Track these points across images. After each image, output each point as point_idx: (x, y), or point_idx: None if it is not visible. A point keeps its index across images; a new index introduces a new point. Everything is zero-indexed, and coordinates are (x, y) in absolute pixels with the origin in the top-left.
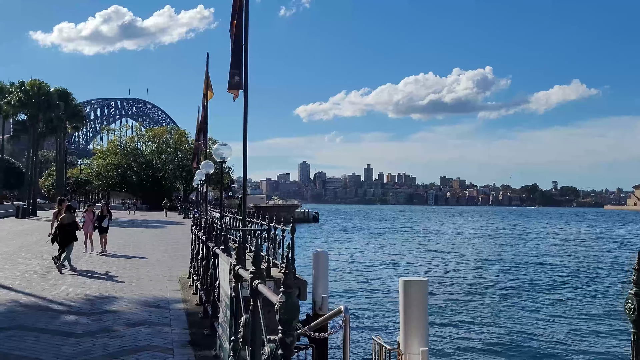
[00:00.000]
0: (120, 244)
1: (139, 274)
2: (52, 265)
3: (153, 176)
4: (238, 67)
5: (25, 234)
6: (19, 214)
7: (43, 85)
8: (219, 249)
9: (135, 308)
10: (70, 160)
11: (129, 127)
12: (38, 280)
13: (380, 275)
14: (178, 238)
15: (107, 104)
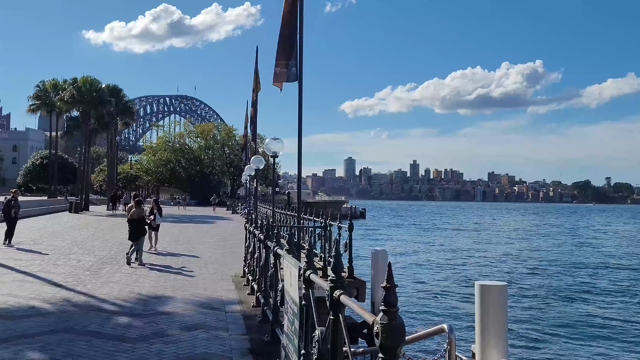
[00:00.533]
0: (170, 241)
1: (191, 272)
2: (104, 262)
3: (201, 172)
4: (291, 58)
5: (78, 228)
6: (72, 208)
7: (95, 81)
8: (283, 250)
9: (190, 309)
10: (121, 156)
11: (177, 123)
12: (90, 277)
13: (439, 275)
14: (228, 234)
15: (156, 101)
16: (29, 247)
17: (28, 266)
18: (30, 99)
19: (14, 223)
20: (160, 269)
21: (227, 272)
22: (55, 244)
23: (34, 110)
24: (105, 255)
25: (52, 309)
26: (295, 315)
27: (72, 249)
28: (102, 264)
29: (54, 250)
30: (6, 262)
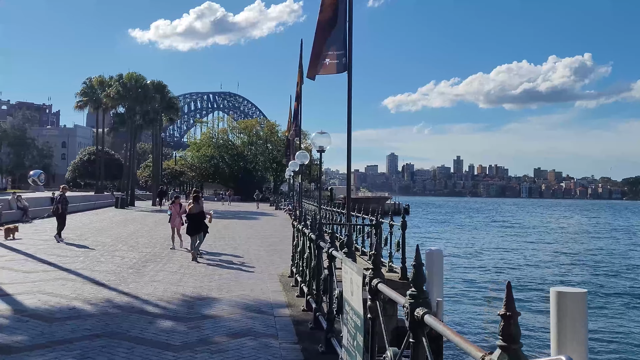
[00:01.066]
0: (214, 237)
1: (236, 271)
2: (148, 259)
3: (244, 167)
4: (338, 49)
5: (123, 224)
6: (118, 204)
7: (140, 77)
8: (340, 253)
9: (236, 313)
10: (166, 153)
11: (221, 119)
12: (133, 275)
13: (494, 276)
14: (272, 231)
15: (200, 98)
16: (75, 243)
17: (72, 263)
18: (78, 96)
19: (63, 218)
20: (205, 267)
21: (273, 271)
22: (100, 240)
23: (81, 107)
24: (149, 252)
25: (93, 310)
26: (357, 329)
27: (117, 245)
28: (145, 261)
29: (98, 247)
30: (51, 259)
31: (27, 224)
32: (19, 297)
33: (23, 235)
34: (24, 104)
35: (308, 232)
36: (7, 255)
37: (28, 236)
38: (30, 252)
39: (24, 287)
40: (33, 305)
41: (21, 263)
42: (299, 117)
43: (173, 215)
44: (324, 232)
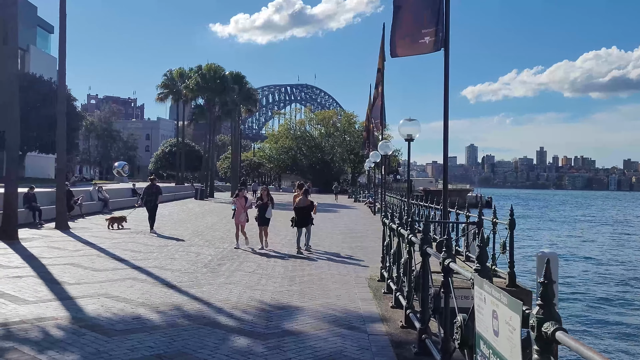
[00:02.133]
0: (290, 233)
1: (319, 273)
2: (224, 255)
3: (322, 159)
4: (434, 25)
5: (202, 216)
6: (197, 195)
7: (218, 68)
8: (470, 271)
9: (322, 328)
10: (245, 144)
11: (298, 110)
12: (207, 276)
13: (611, 279)
14: (353, 224)
15: (277, 90)
16: (150, 236)
17: (144, 260)
18: (159, 88)
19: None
20: (284, 267)
21: (360, 273)
22: (176, 233)
23: (162, 99)
24: (227, 249)
25: (160, 320)
26: None
27: (193, 239)
28: (222, 258)
29: (174, 241)
30: (124, 254)
31: (107, 215)
32: (81, 301)
33: (100, 227)
34: (111, 98)
35: (408, 234)
36: (82, 250)
37: (106, 228)
38: (104, 247)
39: (88, 289)
40: (94, 312)
41: (92, 259)
42: (381, 104)
43: (238, 210)
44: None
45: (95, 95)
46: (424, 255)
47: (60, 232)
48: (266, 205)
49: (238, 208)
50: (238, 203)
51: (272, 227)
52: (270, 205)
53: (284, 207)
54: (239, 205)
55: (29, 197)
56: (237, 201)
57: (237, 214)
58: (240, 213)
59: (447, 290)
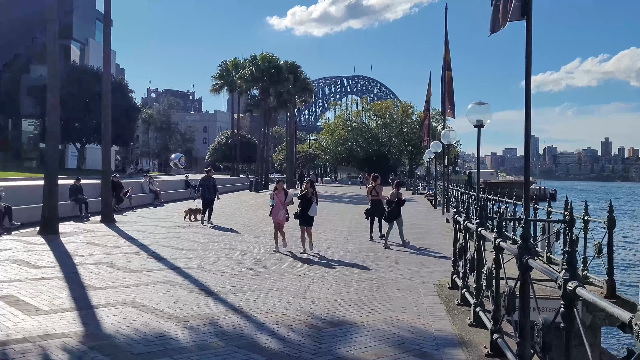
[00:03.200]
0: (349, 227)
1: (379, 277)
2: (273, 255)
3: (378, 151)
4: None
5: (254, 209)
6: (252, 187)
7: (273, 58)
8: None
9: (387, 354)
10: (301, 136)
11: (354, 101)
12: (252, 279)
13: None
14: (414, 219)
15: (333, 82)
16: (198, 231)
17: (185, 259)
18: (214, 79)
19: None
20: (339, 270)
21: (427, 277)
22: (225, 227)
23: (216, 90)
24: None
25: (187, 340)
26: None
27: (242, 235)
28: (269, 258)
29: (222, 237)
30: (165, 252)
31: (158, 207)
32: (102, 311)
33: (147, 220)
34: (170, 91)
35: (495, 238)
36: (121, 247)
37: (153, 222)
38: (146, 243)
39: (115, 295)
40: (113, 327)
41: (129, 257)
42: (452, 90)
43: (276, 206)
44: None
45: (155, 89)
46: (523, 270)
47: (105, 226)
48: (310, 201)
49: (276, 204)
50: (276, 198)
51: (323, 223)
52: (315, 200)
53: (340, 200)
54: (277, 201)
55: (75, 189)
56: (275, 196)
57: (275, 211)
58: (278, 210)
59: (568, 323)
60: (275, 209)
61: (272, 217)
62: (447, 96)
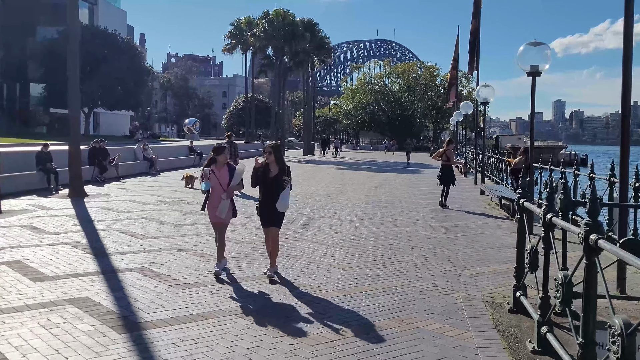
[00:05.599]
0: (366, 202)
1: (401, 283)
2: (254, 248)
3: (402, 115)
4: None
5: None
6: None
7: (288, 14)
8: None
9: None
10: (322, 102)
11: (377, 63)
12: (205, 294)
13: None
14: None
15: (356, 46)
16: (179, 209)
17: (135, 253)
18: (226, 38)
19: None
20: (345, 270)
21: (471, 286)
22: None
23: (229, 50)
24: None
25: None
26: None
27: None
28: (257, 246)
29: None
30: (114, 244)
31: (151, 177)
32: None
33: (125, 193)
34: (190, 56)
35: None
36: (65, 233)
37: (133, 195)
38: (102, 227)
39: None
40: None
41: (57, 252)
42: (477, 44)
43: (214, 191)
44: None
45: (175, 54)
46: None
47: (70, 201)
48: (277, 184)
49: (214, 188)
50: (213, 178)
51: (335, 196)
52: (287, 184)
53: (359, 167)
54: (216, 183)
55: (42, 156)
56: (212, 174)
57: (213, 200)
58: (218, 199)
59: None
60: (214, 197)
61: (209, 213)
62: (474, 50)
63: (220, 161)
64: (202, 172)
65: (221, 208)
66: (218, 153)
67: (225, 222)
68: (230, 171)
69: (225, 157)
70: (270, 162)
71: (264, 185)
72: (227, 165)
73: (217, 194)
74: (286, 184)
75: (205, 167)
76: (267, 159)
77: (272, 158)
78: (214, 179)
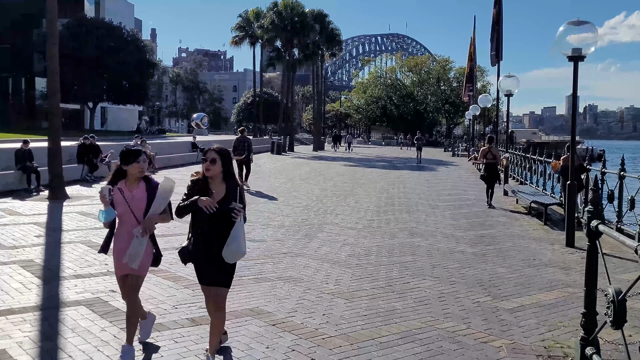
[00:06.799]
0: (378, 208)
1: (432, 314)
2: (264, 253)
3: (414, 109)
4: None
5: (266, 176)
6: (273, 149)
7: (297, 5)
8: None
9: None
10: (334, 96)
11: (389, 57)
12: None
13: None
14: (462, 193)
15: (368, 41)
16: None
17: (83, 279)
18: (233, 31)
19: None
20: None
21: (516, 332)
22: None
23: (237, 43)
24: (271, 236)
25: None
26: None
27: None
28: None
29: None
30: (73, 263)
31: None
32: None
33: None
34: (201, 50)
35: None
36: (23, 247)
37: None
38: (70, 239)
39: None
40: None
41: (4, 280)
42: (500, 31)
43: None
44: None
45: (185, 49)
46: None
47: (47, 204)
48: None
49: (122, 219)
50: (119, 199)
51: (344, 197)
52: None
53: (370, 164)
54: (125, 211)
55: (21, 154)
56: (117, 194)
57: (119, 238)
58: (126, 237)
59: None
60: (121, 233)
61: (114, 258)
62: (498, 39)
63: (133, 174)
64: (100, 193)
65: (132, 251)
66: (128, 161)
67: (139, 274)
68: (149, 190)
69: (140, 168)
70: (213, 176)
71: (200, 215)
72: (145, 180)
73: (127, 228)
74: (237, 216)
75: (109, 184)
76: (208, 172)
77: (215, 170)
78: (121, 203)
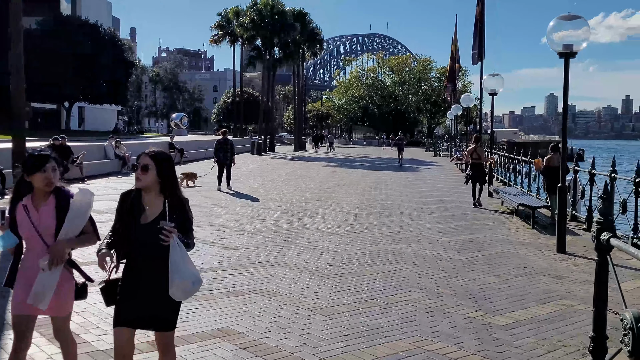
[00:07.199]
0: (350, 211)
1: (419, 333)
2: (236, 262)
3: (396, 109)
4: None
5: (244, 178)
6: (253, 149)
7: (277, 3)
8: None
9: None
10: (315, 96)
11: (370, 56)
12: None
13: None
14: (443, 192)
15: (349, 41)
16: None
17: None
18: (213, 29)
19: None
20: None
21: (512, 354)
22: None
23: (216, 42)
24: (248, 242)
25: None
26: None
27: (211, 218)
28: (239, 266)
29: None
30: None
31: (123, 177)
32: None
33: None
34: (181, 50)
35: None
36: None
37: None
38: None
39: None
40: None
41: None
42: (482, 25)
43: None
44: None
45: (165, 48)
46: None
47: None
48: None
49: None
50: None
51: (325, 200)
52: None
53: (352, 165)
54: (32, 234)
55: None
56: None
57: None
58: (33, 267)
59: None
60: (29, 260)
61: (12, 302)
62: (480, 37)
63: (39, 188)
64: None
65: (37, 288)
66: (31, 170)
67: (66, 316)
68: (59, 205)
69: (46, 179)
70: (145, 188)
71: (130, 239)
72: (56, 195)
73: (34, 256)
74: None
75: (12, 200)
76: (138, 182)
77: (147, 180)
78: (26, 225)
